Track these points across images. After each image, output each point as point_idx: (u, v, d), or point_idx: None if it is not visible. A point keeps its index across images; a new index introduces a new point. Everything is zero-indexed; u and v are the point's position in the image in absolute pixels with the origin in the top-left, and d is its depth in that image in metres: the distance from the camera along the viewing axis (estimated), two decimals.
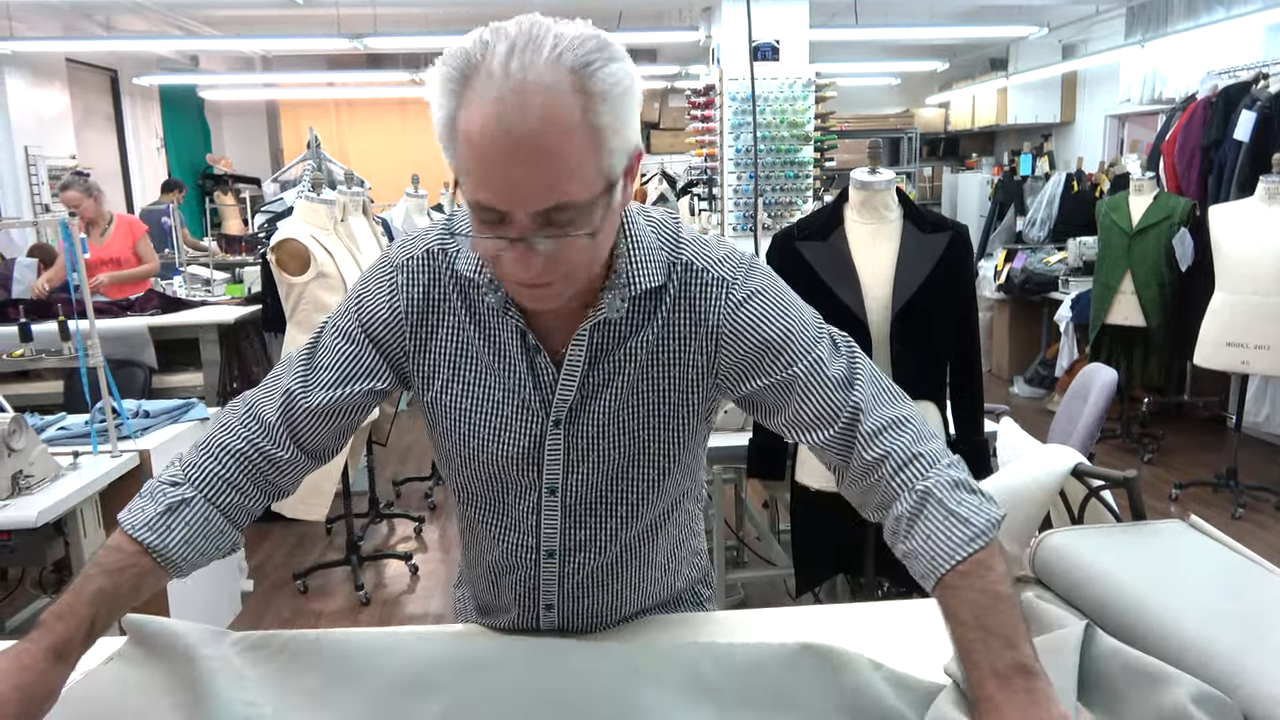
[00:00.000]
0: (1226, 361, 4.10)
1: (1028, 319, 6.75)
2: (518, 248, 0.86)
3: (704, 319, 1.01)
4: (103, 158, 8.07)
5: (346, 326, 1.05)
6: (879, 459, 0.97)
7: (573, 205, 0.84)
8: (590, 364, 1.01)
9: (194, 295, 5.09)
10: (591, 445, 1.04)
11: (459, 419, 1.04)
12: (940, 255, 2.20)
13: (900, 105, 10.07)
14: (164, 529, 0.96)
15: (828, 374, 1.00)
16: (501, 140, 0.80)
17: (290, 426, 1.03)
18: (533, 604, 1.13)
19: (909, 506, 0.94)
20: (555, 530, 1.08)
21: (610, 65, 0.83)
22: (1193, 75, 5.82)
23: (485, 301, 1.00)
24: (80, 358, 2.49)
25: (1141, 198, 4.82)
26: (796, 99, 5.42)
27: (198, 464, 1.01)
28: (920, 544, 0.91)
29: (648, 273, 0.99)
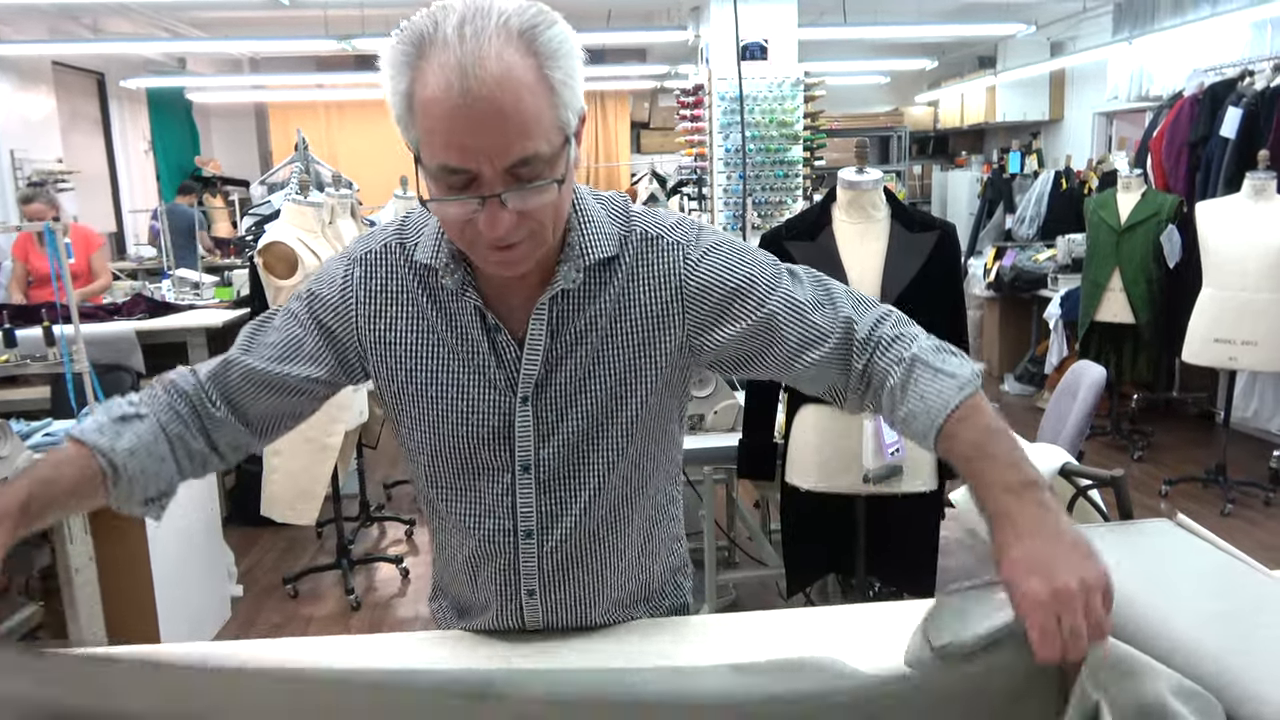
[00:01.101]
0: (1214, 357, 4.12)
1: (1018, 316, 6.77)
2: (489, 206, 0.88)
3: (665, 282, 1.05)
4: (90, 161, 8.02)
5: (296, 311, 1.08)
6: (870, 354, 1.03)
7: (538, 157, 0.88)
8: (552, 337, 1.04)
9: (182, 299, 5.06)
10: (560, 417, 1.06)
11: (428, 406, 1.06)
12: (928, 254, 2.20)
13: (889, 104, 10.09)
14: (113, 434, 0.98)
15: (802, 299, 1.04)
16: (466, 100, 0.84)
17: (223, 386, 1.06)
18: (514, 593, 1.12)
19: (899, 377, 0.99)
20: (531, 508, 1.08)
21: (553, 27, 0.88)
22: (1180, 72, 5.84)
23: (444, 286, 1.03)
24: (65, 363, 2.47)
25: (1129, 195, 4.84)
26: (785, 98, 5.42)
27: (151, 394, 1.06)
28: (916, 404, 0.96)
29: (600, 244, 1.03)
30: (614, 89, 9.92)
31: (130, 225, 8.59)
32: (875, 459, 2.22)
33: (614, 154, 10.20)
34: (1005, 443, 0.92)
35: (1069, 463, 1.51)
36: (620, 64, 8.93)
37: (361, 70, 8.91)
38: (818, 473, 2.33)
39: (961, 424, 0.93)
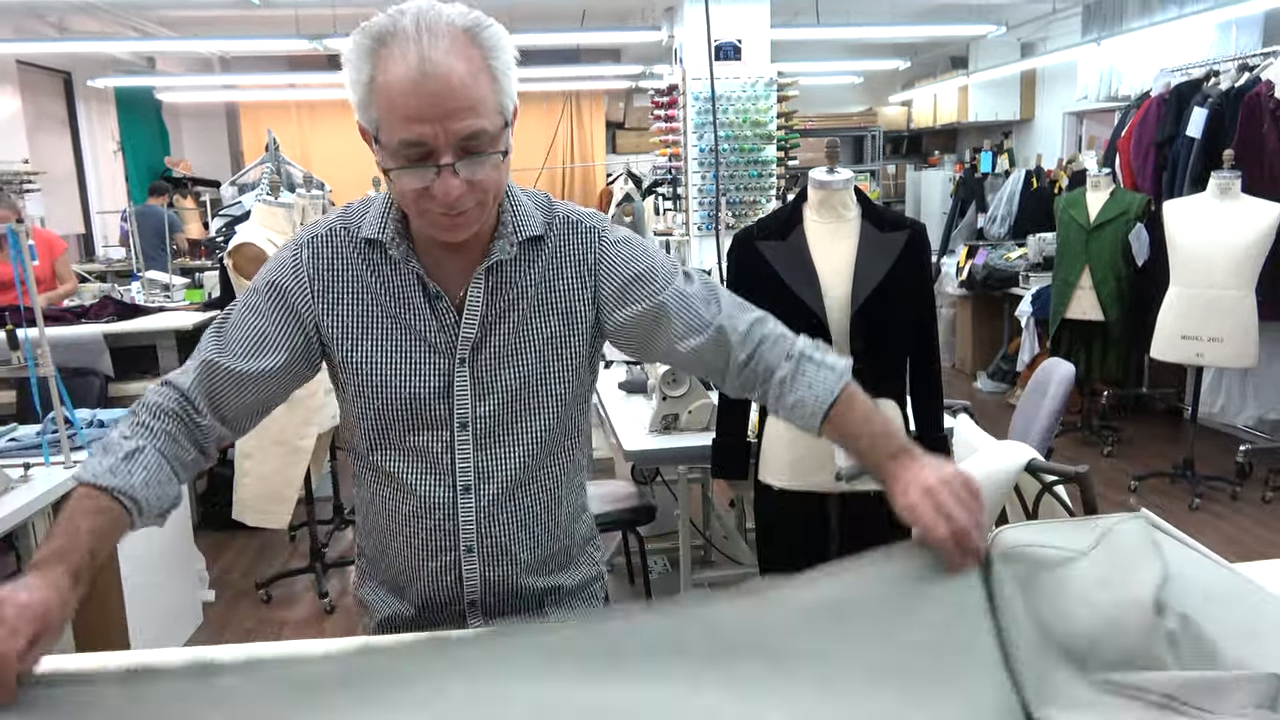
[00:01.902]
0: (1182, 354, 4.18)
1: (990, 315, 6.83)
2: (443, 174, 1.02)
3: (583, 258, 1.21)
4: (57, 161, 7.91)
5: (256, 303, 1.17)
6: (754, 347, 1.19)
7: (484, 133, 1.03)
8: (487, 304, 1.17)
9: (152, 301, 5.00)
10: (495, 377, 1.18)
11: (373, 371, 1.16)
12: (898, 254, 2.22)
13: (863, 104, 10.15)
14: (126, 473, 1.04)
15: (690, 293, 1.21)
16: (425, 83, 0.98)
17: (208, 393, 1.14)
18: (452, 547, 1.20)
19: (789, 370, 1.17)
20: (469, 464, 1.19)
21: (491, 28, 1.04)
22: (1147, 73, 5.92)
23: (390, 259, 1.15)
24: (30, 367, 2.44)
25: (1098, 194, 4.90)
26: (759, 98, 5.44)
27: (139, 421, 1.10)
28: (804, 392, 1.15)
29: (529, 223, 1.18)
30: (589, 89, 9.91)
31: (99, 227, 8.47)
32: (847, 457, 2.23)
33: (589, 154, 10.19)
34: (881, 421, 1.14)
35: (1035, 459, 1.53)
36: (595, 64, 8.92)
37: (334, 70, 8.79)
38: (790, 471, 2.34)
39: (843, 406, 1.14)
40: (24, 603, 0.88)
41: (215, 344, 1.15)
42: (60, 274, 4.97)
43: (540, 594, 1.27)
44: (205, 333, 1.17)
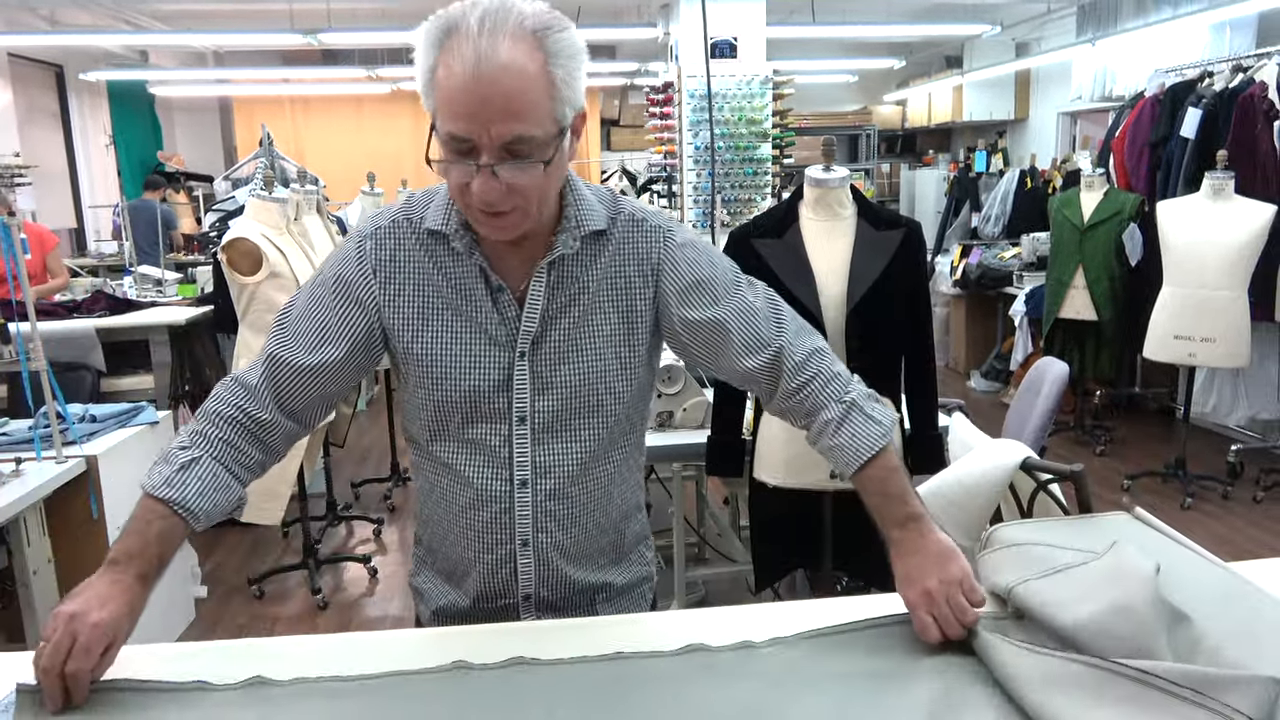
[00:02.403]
0: (1174, 354, 4.19)
1: (984, 314, 6.84)
2: (482, 173, 1.02)
3: (647, 257, 1.20)
4: (49, 156, 7.86)
5: (321, 295, 1.18)
6: (808, 379, 1.21)
7: (530, 139, 1.02)
8: (549, 298, 1.17)
9: (145, 296, 4.97)
10: (554, 371, 1.18)
11: (434, 362, 1.17)
12: (894, 252, 2.22)
13: (858, 102, 10.16)
14: (180, 484, 1.10)
15: (755, 308, 1.22)
16: (475, 81, 0.98)
17: (274, 388, 1.16)
18: (507, 541, 1.21)
19: (837, 413, 1.19)
20: (526, 459, 1.19)
21: (564, 32, 1.04)
22: (1142, 73, 5.93)
23: (452, 250, 1.16)
24: (22, 361, 2.42)
25: (1092, 194, 4.91)
26: (754, 96, 5.44)
27: (199, 430, 1.15)
28: (847, 440, 1.17)
29: (593, 218, 1.18)
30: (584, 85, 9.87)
31: (91, 221, 8.43)
32: None
33: (584, 150, 10.16)
34: (898, 480, 1.16)
35: (1029, 458, 1.53)
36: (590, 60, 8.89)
37: (328, 65, 8.82)
38: (785, 469, 2.34)
39: (873, 464, 1.16)
40: (95, 622, 0.99)
41: (278, 338, 1.18)
42: (52, 268, 4.94)
43: (591, 590, 1.28)
44: (273, 323, 1.21)
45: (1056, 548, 1.14)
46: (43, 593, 2.39)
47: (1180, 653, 0.94)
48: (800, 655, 1.08)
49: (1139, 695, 0.88)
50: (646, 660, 1.07)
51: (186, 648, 1.18)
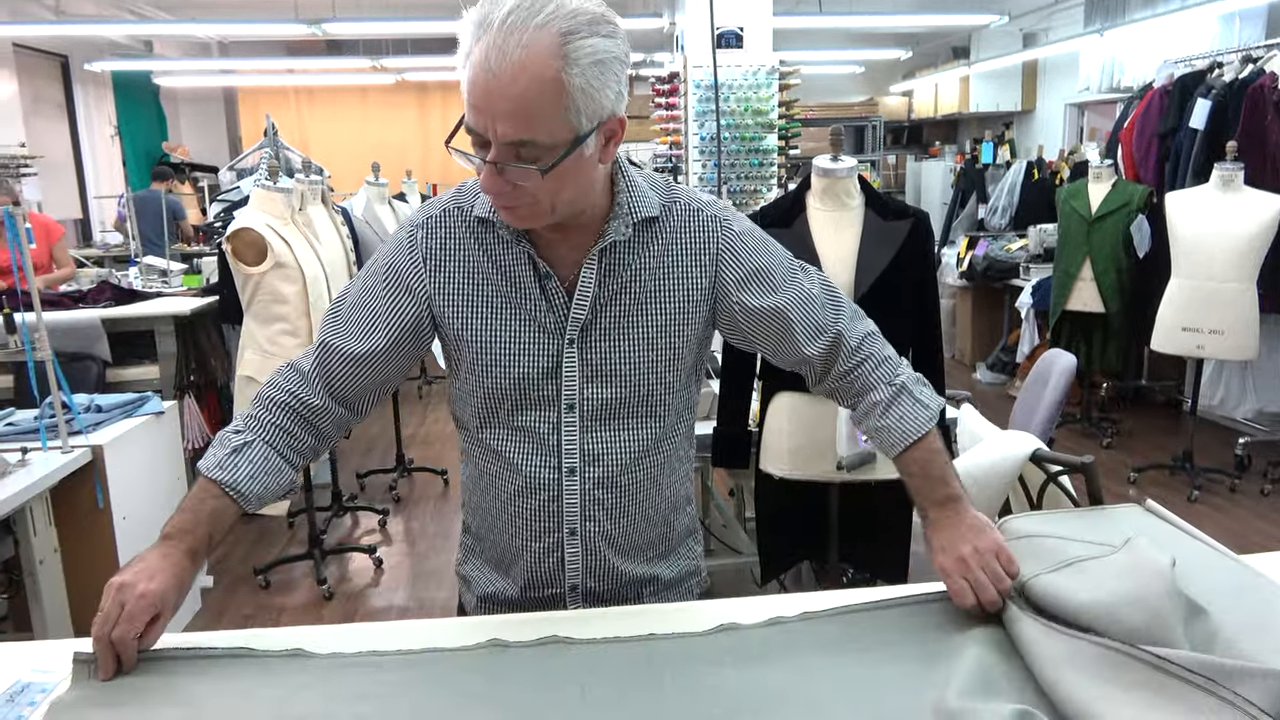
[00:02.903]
0: (1182, 346, 4.17)
1: (990, 306, 6.82)
2: (488, 168, 1.04)
3: (705, 246, 1.20)
4: (54, 146, 7.86)
5: (373, 285, 1.20)
6: (860, 361, 1.24)
7: (537, 144, 1.01)
8: (599, 285, 1.16)
9: (150, 286, 4.97)
10: (604, 359, 1.18)
11: (483, 348, 1.18)
12: (902, 242, 2.20)
13: (864, 93, 10.12)
14: (232, 467, 1.13)
15: (812, 294, 1.24)
16: (486, 79, 0.98)
17: (325, 375, 1.19)
18: (555, 528, 1.21)
19: (887, 395, 1.22)
20: (575, 446, 1.19)
21: (593, 39, 1.00)
22: (1150, 64, 5.89)
23: (500, 237, 1.17)
24: (28, 351, 2.42)
25: (1100, 185, 4.88)
26: (760, 86, 5.41)
27: (252, 414, 1.18)
28: (895, 422, 1.20)
29: (645, 205, 1.17)
30: None
31: (96, 212, 8.44)
32: (848, 446, 2.23)
33: None
34: (941, 464, 1.19)
35: (1040, 449, 1.52)
36: None
37: (333, 55, 8.80)
38: (791, 460, 2.33)
39: (918, 446, 1.19)
40: (141, 593, 1.03)
41: (331, 325, 1.21)
42: (58, 259, 4.94)
43: (639, 582, 1.28)
44: (326, 311, 1.24)
45: (1068, 540, 1.13)
46: (49, 582, 2.39)
47: (1196, 645, 0.93)
48: (832, 630, 1.09)
49: (1153, 680, 0.88)
50: (678, 640, 1.09)
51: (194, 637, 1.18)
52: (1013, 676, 0.98)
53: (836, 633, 1.09)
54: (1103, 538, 1.14)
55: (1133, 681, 0.88)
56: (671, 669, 1.04)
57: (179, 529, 1.10)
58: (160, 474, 2.99)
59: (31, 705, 1.01)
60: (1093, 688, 0.89)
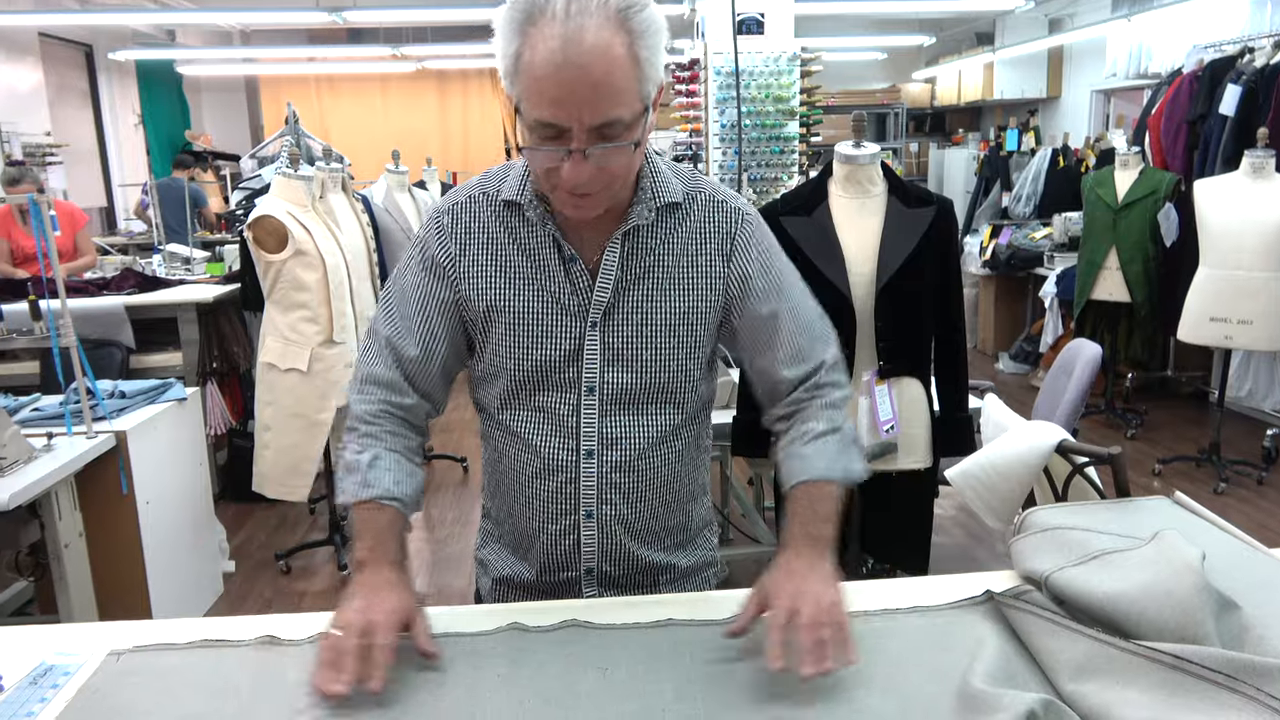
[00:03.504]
0: (1210, 336, 4.11)
1: (1013, 295, 6.75)
2: (574, 158, 1.02)
3: (725, 234, 1.20)
4: (79, 134, 7.92)
5: (415, 279, 1.21)
6: (819, 394, 1.22)
7: (620, 121, 1.02)
8: (622, 268, 1.17)
9: (173, 274, 5.00)
10: (625, 343, 1.18)
11: (507, 329, 1.18)
12: (925, 230, 2.18)
13: (886, 80, 10.02)
14: (375, 482, 1.15)
15: (809, 320, 1.23)
16: (566, 69, 0.97)
17: (404, 375, 1.21)
18: (572, 510, 1.22)
19: (823, 429, 1.20)
20: (594, 429, 1.20)
21: (646, 10, 1.03)
22: (1179, 49, 5.79)
23: (527, 220, 1.17)
24: (53, 338, 2.44)
25: (1127, 173, 4.81)
26: (782, 73, 5.36)
27: (361, 434, 1.20)
28: (814, 453, 1.18)
29: (669, 190, 1.18)
30: None
31: (120, 200, 8.50)
32: (870, 436, 2.21)
33: None
34: (830, 509, 1.15)
35: (1066, 440, 1.50)
36: None
37: (353, 44, 8.81)
38: None
39: (822, 486, 1.16)
40: (374, 621, 1.03)
41: (388, 323, 1.22)
42: (81, 246, 4.98)
43: (655, 569, 1.28)
44: (377, 308, 1.25)
45: (1094, 532, 1.11)
46: (74, 566, 2.42)
47: (1227, 640, 0.92)
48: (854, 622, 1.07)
49: (1170, 679, 0.86)
50: (698, 628, 1.10)
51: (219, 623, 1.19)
52: (1034, 670, 0.97)
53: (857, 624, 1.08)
54: (1130, 530, 1.12)
55: (1151, 683, 0.87)
56: (691, 653, 1.04)
57: (373, 553, 1.11)
58: (183, 459, 3.01)
59: (55, 688, 1.02)
60: (1111, 691, 0.88)
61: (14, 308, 2.99)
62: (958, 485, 1.56)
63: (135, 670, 1.04)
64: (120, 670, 1.04)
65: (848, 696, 0.95)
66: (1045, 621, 1.00)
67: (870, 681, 0.98)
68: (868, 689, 0.96)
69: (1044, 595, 1.07)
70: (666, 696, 0.97)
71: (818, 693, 0.96)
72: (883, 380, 2.21)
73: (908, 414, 2.24)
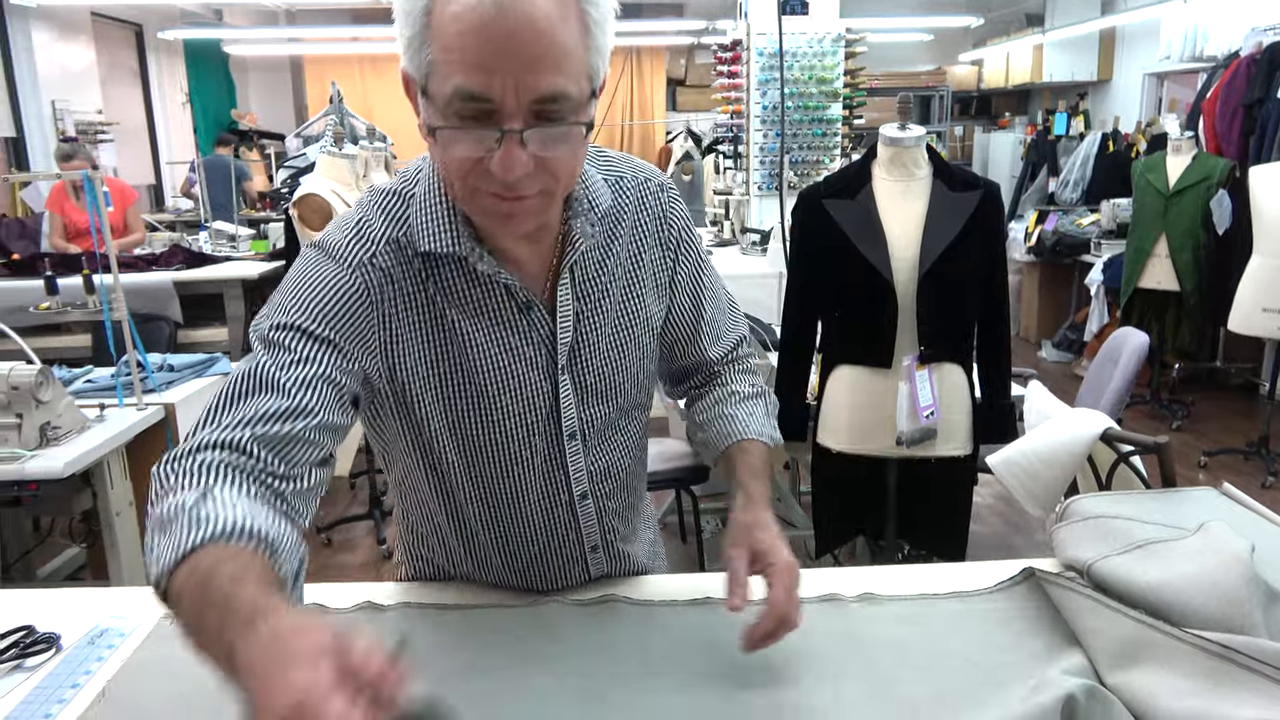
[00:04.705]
0: (1263, 327, 4.02)
1: (1057, 282, 6.64)
2: (507, 142, 0.80)
3: (657, 216, 1.07)
4: (128, 112, 8.07)
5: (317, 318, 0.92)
6: (736, 364, 1.18)
7: (566, 97, 0.80)
8: (578, 298, 1.01)
9: (219, 250, 5.10)
10: (598, 376, 1.04)
11: (471, 403, 0.99)
12: (970, 214, 2.15)
13: (932, 62, 9.86)
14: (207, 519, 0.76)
15: (720, 294, 1.16)
16: (500, 19, 0.75)
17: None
18: (579, 553, 1.13)
19: (749, 391, 1.15)
20: (582, 471, 1.08)
21: None
22: (1237, 31, 5.62)
23: (465, 271, 0.94)
24: (105, 311, 2.50)
25: (1179, 158, 4.70)
26: (825, 54, 5.30)
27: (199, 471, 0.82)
28: (744, 416, 1.12)
29: (599, 195, 1.00)
30: (650, 44, 9.78)
31: (168, 177, 8.66)
32: (909, 421, 2.19)
33: (649, 111, 10.08)
34: (761, 465, 1.08)
35: (1111, 428, 1.48)
36: (657, 19, 8.79)
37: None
38: (849, 434, 2.31)
39: (752, 445, 1.10)
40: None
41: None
42: (131, 223, 5.09)
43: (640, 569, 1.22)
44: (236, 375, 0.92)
45: (1137, 521, 1.10)
46: (125, 533, 2.49)
47: (1275, 633, 0.90)
48: (890, 613, 1.08)
49: (1216, 669, 0.85)
50: None
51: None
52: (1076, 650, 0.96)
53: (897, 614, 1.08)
54: (1175, 521, 1.11)
55: (1196, 669, 0.86)
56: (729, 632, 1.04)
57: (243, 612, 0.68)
58: None
59: (110, 648, 1.05)
60: (1153, 674, 0.87)
61: (68, 281, 3.06)
62: (1000, 472, 1.55)
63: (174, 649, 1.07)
64: (173, 634, 1.07)
65: (888, 679, 0.95)
66: (1088, 600, 0.99)
67: (908, 664, 0.98)
68: (906, 671, 0.96)
69: (1086, 583, 1.06)
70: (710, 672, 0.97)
71: (855, 675, 0.96)
72: (923, 365, 2.19)
73: (948, 400, 2.22)
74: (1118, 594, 1.00)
